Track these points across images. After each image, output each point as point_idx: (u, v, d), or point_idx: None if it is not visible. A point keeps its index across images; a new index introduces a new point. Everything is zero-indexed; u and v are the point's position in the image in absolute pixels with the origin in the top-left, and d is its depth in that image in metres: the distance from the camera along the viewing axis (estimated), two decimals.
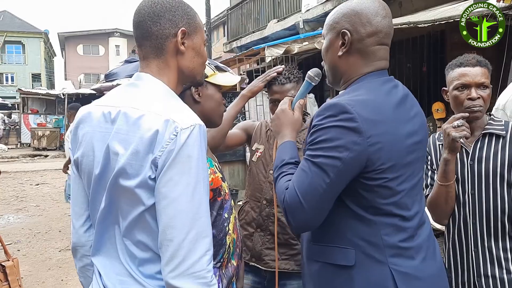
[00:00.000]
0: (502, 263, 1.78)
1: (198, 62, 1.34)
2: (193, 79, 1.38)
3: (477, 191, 1.82)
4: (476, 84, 1.81)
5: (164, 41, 1.27)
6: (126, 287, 1.24)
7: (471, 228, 1.84)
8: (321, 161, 1.25)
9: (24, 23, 38.37)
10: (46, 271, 4.93)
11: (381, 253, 1.31)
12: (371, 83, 1.37)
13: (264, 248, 2.12)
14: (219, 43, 22.66)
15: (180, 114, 1.19)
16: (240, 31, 13.49)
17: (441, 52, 7.12)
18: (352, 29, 1.36)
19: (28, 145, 20.46)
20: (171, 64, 1.30)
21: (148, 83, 1.28)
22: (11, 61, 37.27)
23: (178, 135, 1.14)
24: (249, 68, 9.88)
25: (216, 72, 1.71)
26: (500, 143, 1.80)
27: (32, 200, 9.02)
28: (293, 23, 10.02)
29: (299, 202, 1.26)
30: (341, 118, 1.25)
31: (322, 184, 1.25)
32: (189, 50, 1.31)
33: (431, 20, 4.67)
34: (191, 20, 1.31)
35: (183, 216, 1.14)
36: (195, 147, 1.16)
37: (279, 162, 1.41)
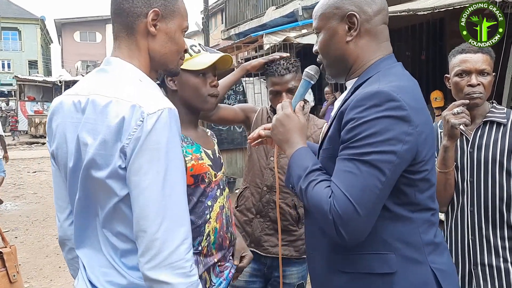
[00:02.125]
0: (499, 252, 1.78)
1: (170, 49, 1.27)
2: (165, 67, 1.31)
3: (476, 178, 1.82)
4: (477, 71, 1.80)
5: (135, 20, 1.21)
6: (109, 279, 1.21)
7: (469, 216, 1.84)
8: (373, 158, 1.10)
9: (20, 9, 37.99)
10: (44, 258, 4.94)
11: (421, 253, 1.22)
12: (394, 68, 1.30)
13: (264, 234, 2.13)
14: (217, 30, 22.50)
15: (147, 98, 1.13)
16: (238, 18, 13.38)
17: (440, 40, 7.08)
18: (358, 10, 1.27)
19: (25, 132, 20.41)
20: (142, 46, 1.24)
21: (117, 67, 1.22)
22: (7, 47, 36.97)
23: (144, 121, 1.09)
24: (247, 56, 9.82)
25: (192, 55, 1.63)
26: (501, 131, 1.80)
27: (30, 187, 9.02)
28: (292, 10, 9.94)
29: (353, 209, 1.09)
30: (388, 107, 1.12)
31: (377, 184, 1.11)
32: (161, 33, 1.24)
33: (431, 7, 4.64)
34: (168, 3, 1.24)
35: (155, 205, 1.09)
36: (164, 132, 1.10)
37: (301, 171, 1.22)
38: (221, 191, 1.68)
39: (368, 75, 1.27)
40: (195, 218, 1.57)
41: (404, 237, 1.21)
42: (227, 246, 1.68)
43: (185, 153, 1.58)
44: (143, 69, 1.24)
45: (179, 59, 1.34)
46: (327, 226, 1.14)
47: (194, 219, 1.56)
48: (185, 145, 1.61)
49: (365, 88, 1.21)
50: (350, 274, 1.24)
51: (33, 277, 4.44)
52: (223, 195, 1.69)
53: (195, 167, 1.58)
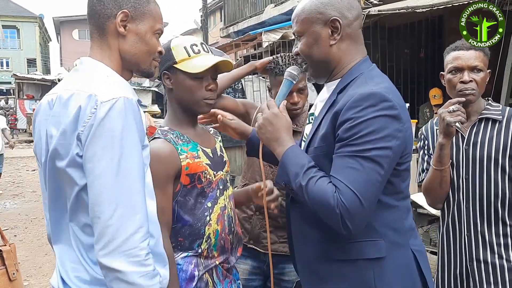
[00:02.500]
0: (494, 248, 1.79)
1: (141, 49, 1.30)
2: (137, 67, 1.34)
3: (471, 176, 1.83)
4: (469, 67, 1.82)
5: (105, 21, 1.27)
6: (77, 275, 1.22)
7: (465, 213, 1.85)
8: (374, 154, 1.22)
9: (19, 7, 37.89)
10: (43, 256, 4.95)
11: (404, 237, 1.35)
12: (374, 70, 1.39)
13: (262, 231, 2.13)
14: (215, 28, 22.47)
15: (104, 88, 1.17)
16: (237, 16, 13.36)
17: (439, 38, 7.07)
18: (340, 15, 1.36)
19: (24, 130, 20.37)
20: (112, 46, 1.28)
21: (88, 66, 1.28)
22: (5, 46, 36.88)
23: (98, 108, 1.12)
24: (246, 54, 9.81)
25: (191, 56, 1.56)
26: (496, 128, 1.81)
27: (29, 185, 9.02)
28: (291, 7, 9.90)
29: (359, 202, 1.19)
30: (383, 107, 1.24)
31: (378, 178, 1.23)
32: (131, 34, 1.28)
33: (429, 5, 4.64)
34: (139, 5, 1.29)
35: (108, 192, 1.11)
36: (118, 120, 1.12)
37: (298, 169, 1.29)
38: (221, 191, 1.63)
39: (352, 77, 1.36)
40: (193, 220, 1.53)
41: (391, 224, 1.34)
42: (229, 248, 1.64)
43: (180, 151, 1.54)
44: (115, 69, 1.28)
45: (152, 60, 1.36)
46: (332, 219, 1.22)
47: (192, 221, 1.53)
48: (180, 143, 1.56)
49: (356, 89, 1.30)
50: (342, 261, 1.34)
51: (33, 275, 4.45)
52: (224, 195, 1.63)
53: (191, 165, 1.53)
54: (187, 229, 1.54)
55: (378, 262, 1.31)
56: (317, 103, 1.50)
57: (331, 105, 1.36)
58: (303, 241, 1.44)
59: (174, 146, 1.54)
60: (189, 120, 1.65)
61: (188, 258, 1.54)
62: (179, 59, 1.56)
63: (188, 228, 1.54)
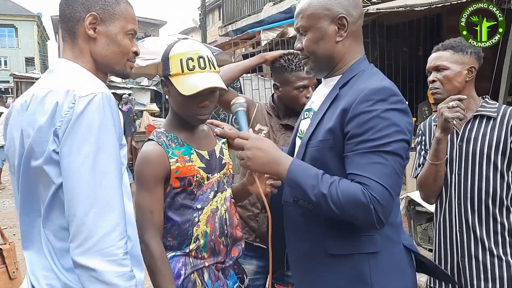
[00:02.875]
0: (485, 244, 1.82)
1: (112, 51, 1.29)
2: (111, 68, 1.33)
3: (463, 171, 1.86)
4: (433, 68, 1.92)
5: (75, 25, 1.26)
6: (49, 282, 1.17)
7: (456, 209, 1.88)
8: (395, 147, 1.23)
9: (17, 6, 37.80)
10: None
11: (396, 232, 1.38)
12: (374, 69, 1.42)
13: (266, 227, 2.13)
14: (214, 26, 22.45)
15: (82, 83, 1.16)
16: (236, 14, 13.35)
17: (437, 36, 7.07)
18: (346, 13, 1.38)
19: None
20: (84, 49, 1.27)
21: (63, 66, 1.27)
22: (3, 44, 36.84)
23: (76, 103, 1.10)
24: (245, 52, 9.81)
25: (184, 72, 1.51)
26: (490, 124, 1.83)
27: None
28: (289, 6, 9.91)
29: (389, 195, 1.22)
30: (393, 101, 1.26)
31: (401, 169, 1.26)
32: (101, 36, 1.27)
33: (428, 3, 4.64)
34: (107, 7, 1.27)
35: (84, 188, 1.08)
36: (96, 115, 1.10)
37: (313, 180, 1.25)
38: (215, 193, 1.60)
39: (353, 73, 1.38)
40: (181, 221, 1.54)
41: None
42: (222, 250, 1.61)
43: (171, 155, 1.53)
44: (89, 70, 1.27)
45: (127, 61, 1.34)
46: (367, 217, 1.21)
47: (180, 222, 1.54)
48: (173, 146, 1.55)
49: (363, 83, 1.31)
50: (340, 256, 1.35)
51: None
52: (217, 197, 1.61)
53: (181, 169, 1.53)
54: (176, 229, 1.55)
55: (374, 256, 1.32)
56: (314, 99, 1.51)
57: (334, 99, 1.36)
58: (299, 239, 1.44)
59: (165, 149, 1.54)
60: (185, 124, 1.62)
61: (176, 257, 1.55)
62: (173, 72, 1.53)
63: (177, 228, 1.55)
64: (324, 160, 1.33)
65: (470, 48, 1.90)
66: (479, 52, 1.92)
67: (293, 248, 1.48)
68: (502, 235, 1.81)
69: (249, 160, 1.36)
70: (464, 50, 1.89)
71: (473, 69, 1.88)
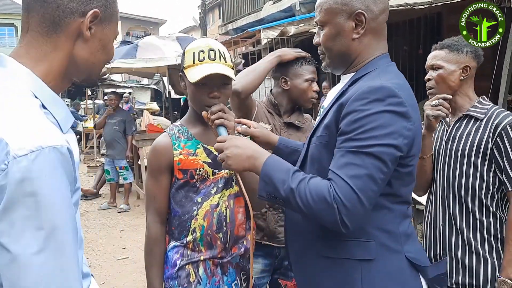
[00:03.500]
0: (464, 235, 1.85)
1: (100, 59, 1.05)
2: (87, 77, 1.08)
3: (447, 168, 1.91)
4: (429, 67, 1.97)
5: (65, 16, 0.96)
6: None
7: (440, 203, 1.93)
8: (377, 150, 1.15)
9: (17, 5, 37.74)
10: None
11: (397, 242, 1.28)
12: (391, 67, 1.35)
13: (278, 226, 2.17)
14: (214, 25, 22.43)
15: (20, 130, 0.84)
16: (236, 13, 13.34)
17: (438, 35, 7.07)
18: (365, 8, 1.30)
19: None
20: (63, 48, 0.98)
21: (5, 71, 0.94)
22: (3, 43, 36.80)
23: (9, 165, 0.80)
24: (245, 51, 9.80)
25: (195, 63, 1.57)
26: (476, 125, 1.86)
27: None
28: (289, 4, 9.91)
29: (357, 198, 1.14)
30: (390, 102, 1.18)
31: (380, 175, 1.17)
32: (95, 39, 1.01)
33: (428, 1, 4.64)
34: (109, 4, 1.03)
35: (34, 275, 0.81)
36: (44, 180, 0.82)
37: (284, 174, 1.23)
38: (219, 189, 1.63)
39: (366, 71, 1.32)
40: (181, 212, 1.62)
41: (383, 226, 1.28)
42: (219, 246, 1.62)
43: (176, 147, 1.62)
44: (50, 77, 0.98)
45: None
46: (329, 216, 1.16)
47: (180, 213, 1.62)
48: (182, 139, 1.64)
49: (366, 82, 1.26)
50: (331, 259, 1.30)
51: None
52: (221, 193, 1.63)
53: (183, 161, 1.61)
54: (177, 219, 1.64)
55: (367, 264, 1.25)
56: (328, 97, 1.50)
57: (340, 95, 1.32)
58: (295, 234, 1.43)
59: (172, 141, 1.64)
60: (200, 119, 1.65)
61: (176, 248, 1.64)
62: (186, 64, 1.60)
63: (178, 218, 1.63)
64: (320, 157, 1.31)
65: (467, 47, 1.92)
66: (477, 51, 1.93)
67: (291, 246, 1.47)
68: (481, 233, 1.82)
69: (229, 159, 1.35)
70: (460, 49, 1.90)
71: (468, 68, 1.89)
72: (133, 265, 4.62)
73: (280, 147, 1.71)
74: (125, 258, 4.86)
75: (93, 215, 6.71)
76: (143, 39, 7.68)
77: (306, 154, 1.41)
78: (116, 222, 6.30)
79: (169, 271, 1.63)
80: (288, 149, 1.71)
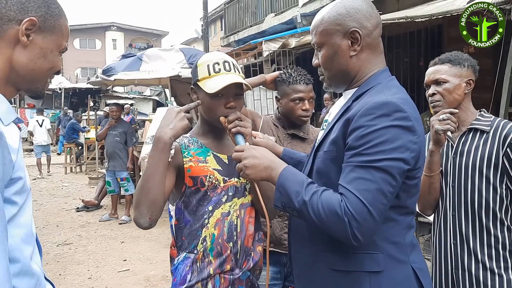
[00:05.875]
0: (478, 257, 1.81)
1: (40, 66, 1.10)
2: (30, 85, 1.13)
3: (457, 184, 1.88)
4: (432, 82, 1.95)
5: (4, 23, 1.05)
6: None
7: (451, 221, 1.89)
8: (385, 164, 1.19)
9: None
10: (44, 266, 4.87)
11: (404, 253, 1.31)
12: (393, 81, 1.38)
13: (283, 233, 2.18)
14: (216, 37, 22.57)
15: None
16: (238, 25, 13.44)
17: (438, 47, 7.11)
18: (359, 25, 1.34)
19: (25, 139, 20.38)
20: (4, 53, 1.06)
21: None
22: None
23: None
24: (247, 63, 9.86)
25: (211, 75, 1.59)
26: (483, 138, 1.85)
27: None
28: (291, 17, 10.00)
29: (367, 211, 1.17)
30: (396, 117, 1.21)
31: (389, 188, 1.20)
32: (34, 47, 1.08)
33: (429, 14, 4.67)
34: (49, 17, 1.10)
35: None
36: None
37: (298, 186, 1.27)
38: (230, 198, 1.62)
39: (369, 86, 1.35)
40: (193, 221, 1.59)
41: (391, 238, 1.30)
42: (229, 257, 1.60)
43: (186, 155, 1.62)
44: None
45: (47, 79, 1.19)
46: (340, 229, 1.20)
47: (192, 221, 1.59)
48: (191, 148, 1.64)
49: (371, 97, 1.28)
50: (340, 272, 1.32)
51: None
52: (232, 201, 1.63)
53: (193, 168, 1.60)
54: (187, 229, 1.60)
55: (375, 275, 1.28)
56: (332, 111, 1.51)
57: (345, 111, 1.34)
58: (301, 245, 1.44)
59: (181, 148, 1.63)
60: (212, 131, 1.69)
61: (186, 260, 1.59)
62: (200, 77, 1.60)
63: (189, 228, 1.60)
64: (327, 171, 1.33)
65: (467, 61, 1.93)
66: (475, 65, 1.95)
67: (297, 257, 1.47)
68: (495, 249, 1.80)
69: (247, 169, 1.40)
70: (462, 64, 1.91)
71: (471, 81, 1.91)
72: (134, 277, 4.60)
73: (285, 158, 1.71)
74: (126, 270, 4.83)
75: (94, 226, 6.69)
76: (147, 51, 7.72)
77: (312, 168, 1.42)
78: (117, 234, 6.28)
79: (176, 286, 1.59)
80: (292, 160, 1.72)
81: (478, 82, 1.95)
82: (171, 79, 7.23)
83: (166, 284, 4.34)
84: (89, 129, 12.60)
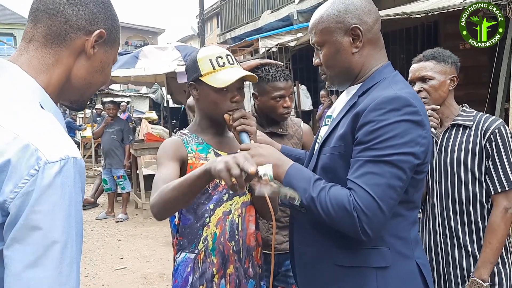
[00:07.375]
0: (468, 250, 1.84)
1: (97, 80, 1.06)
2: (78, 97, 1.07)
3: (443, 179, 1.90)
4: (417, 79, 1.94)
5: (72, 32, 0.97)
6: None
7: (439, 216, 1.91)
8: (396, 158, 1.19)
9: (15, 15, 37.92)
10: None
11: (409, 248, 1.32)
12: (398, 76, 1.37)
13: (270, 234, 2.17)
14: (212, 34, 22.52)
15: (47, 138, 0.84)
16: (234, 22, 13.41)
17: (434, 43, 7.11)
18: (359, 21, 1.33)
19: None
20: (64, 63, 0.98)
21: (11, 78, 0.92)
22: (2, 53, 36.79)
23: (40, 170, 0.80)
24: (243, 60, 9.84)
25: (216, 69, 1.55)
26: (466, 133, 1.87)
27: None
28: (287, 14, 9.97)
29: (377, 205, 1.17)
30: (406, 111, 1.21)
31: (399, 183, 1.20)
32: (96, 59, 1.03)
33: (425, 10, 4.66)
34: (114, 30, 1.06)
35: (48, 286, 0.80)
36: (66, 191, 0.82)
37: (305, 183, 1.26)
38: (231, 196, 1.61)
39: (374, 81, 1.34)
40: (193, 219, 1.56)
41: (398, 233, 1.30)
42: (231, 256, 1.59)
43: (189, 150, 1.59)
44: (49, 90, 0.97)
45: None
46: (350, 224, 1.19)
47: (193, 220, 1.56)
48: (192, 143, 1.61)
49: (379, 92, 1.28)
50: (347, 268, 1.31)
51: None
52: (233, 200, 1.61)
53: (195, 165, 1.56)
54: (187, 228, 1.57)
55: (382, 271, 1.28)
56: (336, 106, 1.50)
57: (351, 106, 1.33)
58: (306, 243, 1.43)
59: (184, 143, 1.61)
60: (212, 127, 1.66)
61: (186, 260, 1.56)
62: (204, 72, 1.55)
63: (189, 227, 1.57)
64: (334, 167, 1.32)
65: (450, 58, 1.94)
66: (458, 62, 1.96)
67: (301, 254, 1.46)
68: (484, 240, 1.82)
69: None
70: (446, 60, 1.93)
71: (455, 78, 1.92)
72: (131, 275, 4.59)
73: None
74: (123, 268, 4.83)
75: (91, 224, 6.67)
76: (143, 49, 7.69)
77: (317, 164, 1.40)
78: (114, 232, 6.27)
79: (178, 287, 1.56)
80: (291, 157, 1.70)
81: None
82: (167, 77, 7.20)
83: (163, 282, 4.34)
84: (85, 127, 12.56)
